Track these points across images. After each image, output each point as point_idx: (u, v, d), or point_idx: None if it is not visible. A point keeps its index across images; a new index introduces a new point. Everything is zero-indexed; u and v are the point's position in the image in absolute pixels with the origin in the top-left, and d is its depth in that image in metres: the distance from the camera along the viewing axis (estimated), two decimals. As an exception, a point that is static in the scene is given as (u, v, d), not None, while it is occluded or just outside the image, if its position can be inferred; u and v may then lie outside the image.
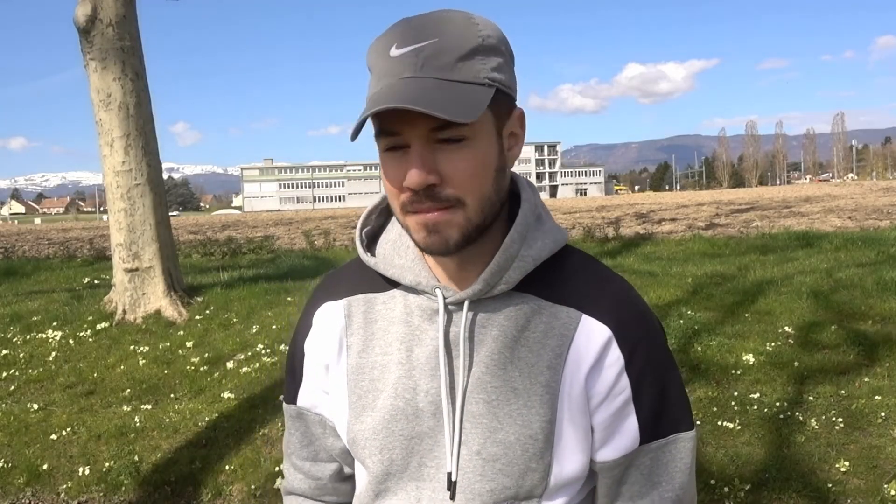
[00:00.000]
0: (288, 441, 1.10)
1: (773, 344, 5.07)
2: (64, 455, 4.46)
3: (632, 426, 0.92)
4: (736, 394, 4.36)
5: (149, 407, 4.99)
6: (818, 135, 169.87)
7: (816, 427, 3.94)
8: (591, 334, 0.90)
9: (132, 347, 6.22)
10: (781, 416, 4.06)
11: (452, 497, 0.89)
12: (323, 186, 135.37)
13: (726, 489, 3.46)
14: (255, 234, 21.16)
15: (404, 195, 0.84)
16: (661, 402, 0.92)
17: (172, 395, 5.19)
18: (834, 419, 3.99)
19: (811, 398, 4.26)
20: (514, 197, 0.94)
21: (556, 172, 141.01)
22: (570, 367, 0.90)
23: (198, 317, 6.91)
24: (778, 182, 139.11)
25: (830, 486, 3.43)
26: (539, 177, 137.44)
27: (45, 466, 4.35)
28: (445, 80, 0.80)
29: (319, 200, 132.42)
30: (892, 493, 3.32)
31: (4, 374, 5.86)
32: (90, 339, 6.52)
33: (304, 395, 1.04)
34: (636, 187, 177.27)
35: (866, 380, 4.44)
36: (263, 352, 5.78)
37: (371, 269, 0.97)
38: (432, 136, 0.81)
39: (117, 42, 6.87)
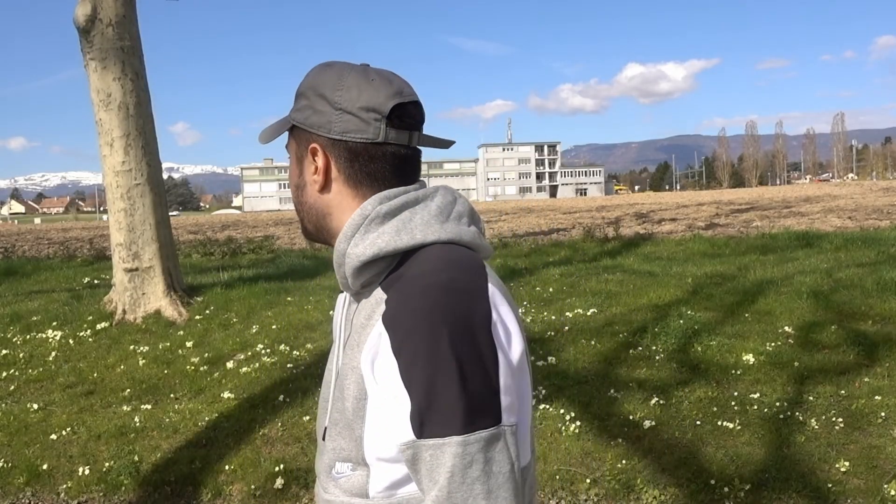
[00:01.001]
0: None
1: (773, 344, 5.07)
2: (64, 455, 4.46)
3: (403, 417, 0.99)
4: (736, 394, 4.36)
5: (149, 407, 4.99)
6: (818, 135, 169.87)
7: (816, 427, 3.94)
8: (380, 323, 1.01)
9: (132, 347, 6.22)
10: (781, 416, 4.06)
11: (323, 439, 1.13)
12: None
13: (726, 489, 3.46)
14: (255, 234, 21.16)
15: None
16: (428, 399, 0.96)
17: (172, 395, 5.19)
18: (834, 419, 3.99)
19: (811, 398, 4.26)
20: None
21: (556, 172, 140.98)
22: (366, 349, 1.02)
23: (198, 317, 6.91)
24: (778, 182, 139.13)
25: (830, 486, 3.43)
26: (539, 177, 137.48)
27: (44, 466, 4.35)
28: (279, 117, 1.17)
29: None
30: (893, 493, 3.32)
31: (4, 373, 5.86)
32: (90, 339, 6.52)
33: None
34: (636, 187, 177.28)
35: (866, 380, 4.44)
36: (263, 352, 5.78)
37: None
38: None
39: (117, 42, 6.87)
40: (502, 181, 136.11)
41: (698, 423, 4.08)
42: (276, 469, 4.04)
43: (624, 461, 3.77)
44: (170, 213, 7.93)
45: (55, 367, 5.93)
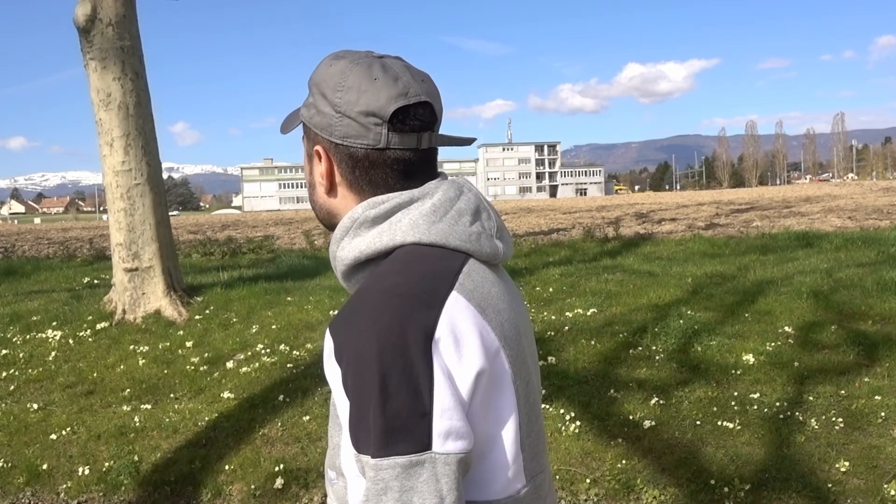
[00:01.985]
0: None
1: (772, 344, 5.07)
2: (63, 455, 4.46)
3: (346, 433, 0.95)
4: (736, 394, 4.36)
5: (148, 407, 4.99)
6: (818, 135, 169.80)
7: (816, 427, 3.94)
8: (328, 342, 0.96)
9: (132, 347, 6.21)
10: (781, 416, 4.06)
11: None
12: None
13: (726, 489, 3.46)
14: (254, 233, 21.15)
15: None
16: (356, 423, 0.91)
17: (172, 395, 5.19)
18: (834, 419, 3.99)
19: (811, 398, 4.26)
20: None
21: (556, 172, 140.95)
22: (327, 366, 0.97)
23: (197, 317, 6.91)
24: (778, 182, 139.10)
25: (830, 486, 3.43)
26: (539, 176, 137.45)
27: (44, 466, 4.35)
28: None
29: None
30: (892, 493, 3.32)
31: (4, 373, 5.86)
32: (90, 339, 6.52)
33: None
34: (636, 187, 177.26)
35: (866, 380, 4.44)
36: (263, 352, 5.78)
37: None
38: None
39: (117, 42, 6.87)
40: (502, 181, 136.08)
41: (698, 423, 4.08)
42: (276, 469, 4.04)
43: (624, 461, 3.77)
44: (170, 213, 7.93)
45: (55, 366, 5.93)
